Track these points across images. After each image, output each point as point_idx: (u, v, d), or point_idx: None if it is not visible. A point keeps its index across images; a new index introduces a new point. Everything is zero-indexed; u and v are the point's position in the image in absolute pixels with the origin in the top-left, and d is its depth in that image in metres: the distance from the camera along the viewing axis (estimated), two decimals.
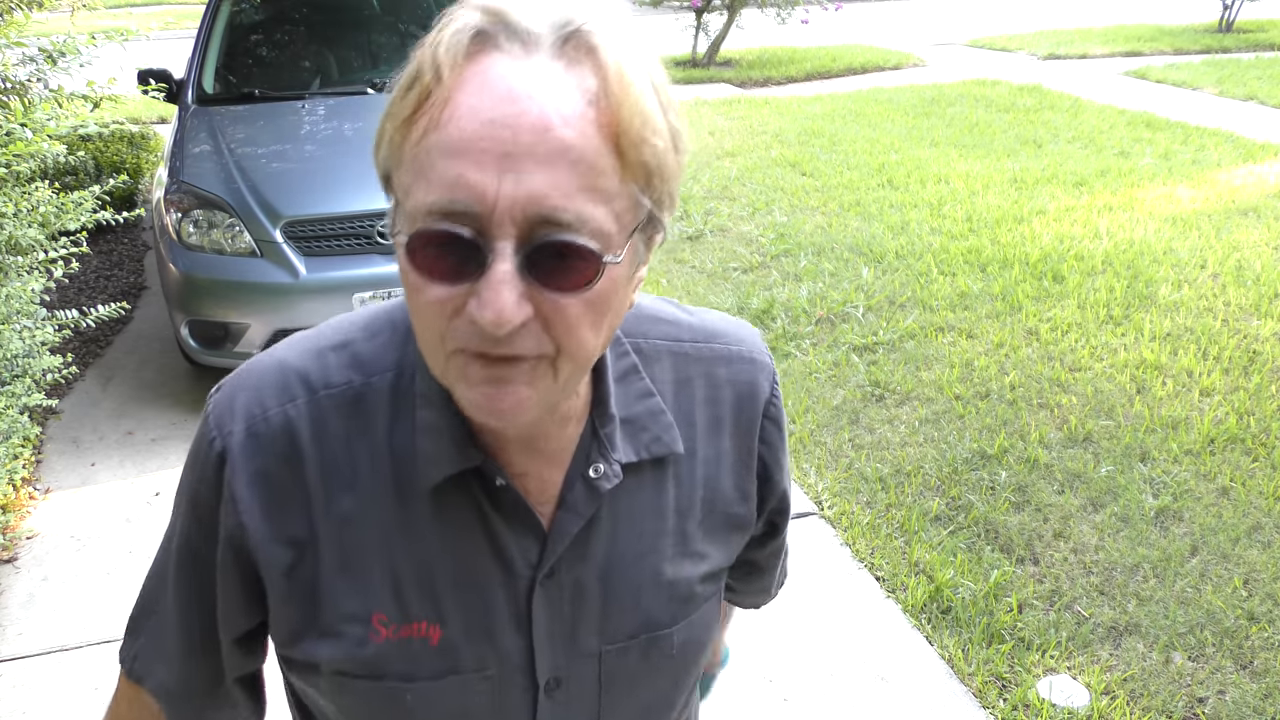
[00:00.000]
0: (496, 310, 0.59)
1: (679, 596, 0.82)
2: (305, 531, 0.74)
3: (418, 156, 0.61)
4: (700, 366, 0.82)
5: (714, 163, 7.11)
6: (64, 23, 4.91)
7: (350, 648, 0.75)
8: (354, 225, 3.71)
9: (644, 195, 0.63)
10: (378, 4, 5.38)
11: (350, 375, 0.75)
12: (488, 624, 0.76)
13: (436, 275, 0.61)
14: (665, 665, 0.83)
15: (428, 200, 0.60)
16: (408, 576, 0.75)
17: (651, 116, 0.62)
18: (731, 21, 11.19)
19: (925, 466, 3.38)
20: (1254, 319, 4.36)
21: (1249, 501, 3.14)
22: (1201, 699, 2.44)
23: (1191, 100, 9.27)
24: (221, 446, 0.74)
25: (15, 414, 3.01)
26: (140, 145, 6.72)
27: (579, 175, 0.59)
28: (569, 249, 0.60)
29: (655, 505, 0.80)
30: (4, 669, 2.56)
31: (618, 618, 0.80)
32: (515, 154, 0.58)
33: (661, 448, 0.79)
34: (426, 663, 0.76)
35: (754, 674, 2.53)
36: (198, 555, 0.78)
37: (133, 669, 0.84)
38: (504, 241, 0.59)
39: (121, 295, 4.89)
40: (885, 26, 15.39)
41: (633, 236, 0.64)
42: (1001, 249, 5.21)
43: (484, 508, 0.74)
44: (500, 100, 0.59)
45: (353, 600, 0.75)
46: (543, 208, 0.59)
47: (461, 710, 0.78)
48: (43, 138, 2.98)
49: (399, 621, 0.75)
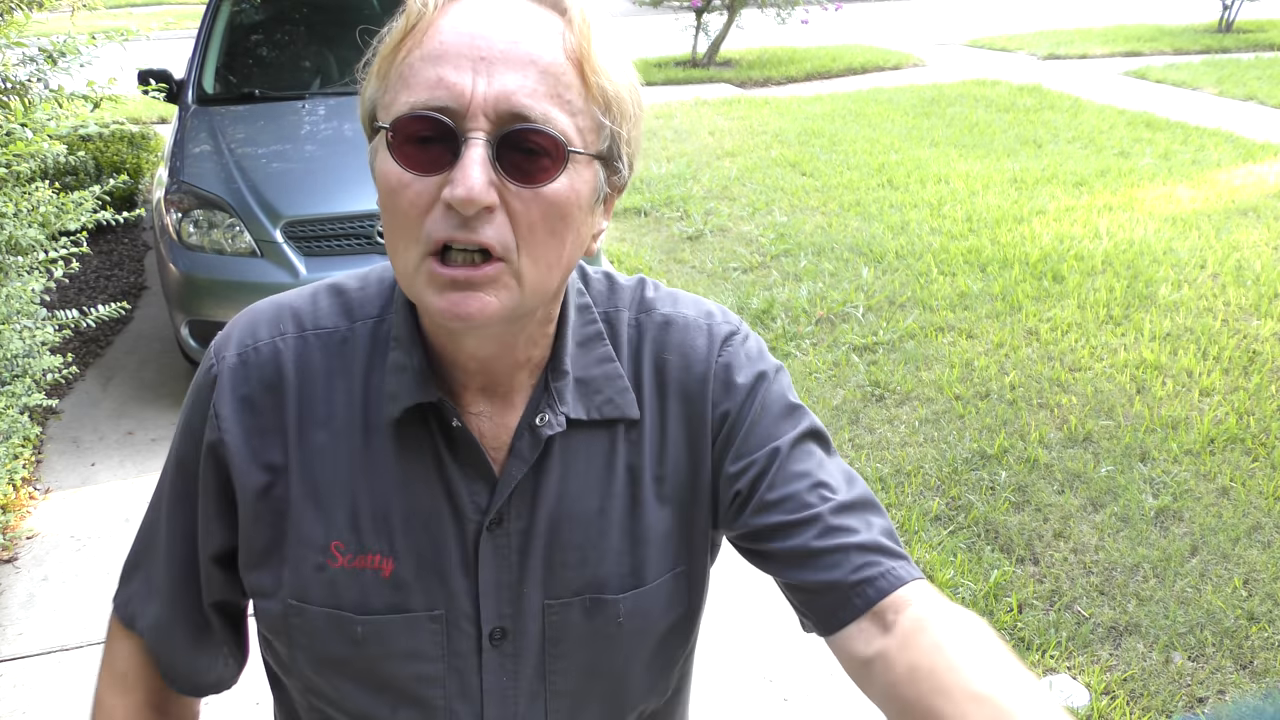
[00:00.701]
0: (467, 187, 0.65)
1: (628, 563, 0.83)
2: (280, 458, 0.79)
3: (402, 71, 0.69)
4: (654, 332, 0.84)
5: (714, 163, 7.11)
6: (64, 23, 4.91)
7: (309, 573, 0.79)
8: (354, 225, 3.71)
9: (605, 118, 0.70)
10: (378, 4, 5.38)
11: (338, 320, 0.82)
12: (438, 564, 0.79)
13: (415, 165, 0.67)
14: (613, 633, 0.83)
15: (411, 100, 0.67)
16: (366, 510, 0.79)
17: (608, 56, 0.70)
18: (731, 21, 11.19)
19: (925, 466, 3.38)
20: (1254, 319, 4.36)
21: (1249, 501, 3.14)
22: (1201, 699, 2.44)
23: (1191, 100, 9.27)
24: (215, 371, 0.81)
25: (15, 414, 3.01)
26: (140, 145, 6.72)
27: (546, 83, 0.67)
28: (536, 139, 0.67)
29: (606, 466, 0.82)
30: (4, 669, 2.56)
31: (562, 573, 0.81)
32: (490, 58, 0.66)
33: (614, 410, 0.81)
34: (377, 595, 0.79)
35: (754, 674, 2.53)
36: (187, 475, 0.83)
37: (125, 613, 0.89)
38: (477, 131, 0.66)
39: (121, 295, 4.89)
40: (885, 26, 15.39)
41: (596, 160, 0.71)
42: (1001, 249, 5.22)
43: (440, 450, 0.79)
44: (478, 19, 0.68)
45: (316, 527, 0.79)
46: (514, 104, 0.66)
47: (412, 651, 0.80)
48: (43, 138, 2.98)
49: (355, 551, 0.79)
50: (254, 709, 2.41)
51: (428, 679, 0.81)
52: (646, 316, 0.85)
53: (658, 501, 0.83)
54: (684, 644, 0.89)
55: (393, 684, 0.81)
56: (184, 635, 0.87)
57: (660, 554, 0.84)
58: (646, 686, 0.88)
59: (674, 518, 0.84)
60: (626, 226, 5.93)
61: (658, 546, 0.84)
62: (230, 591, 0.86)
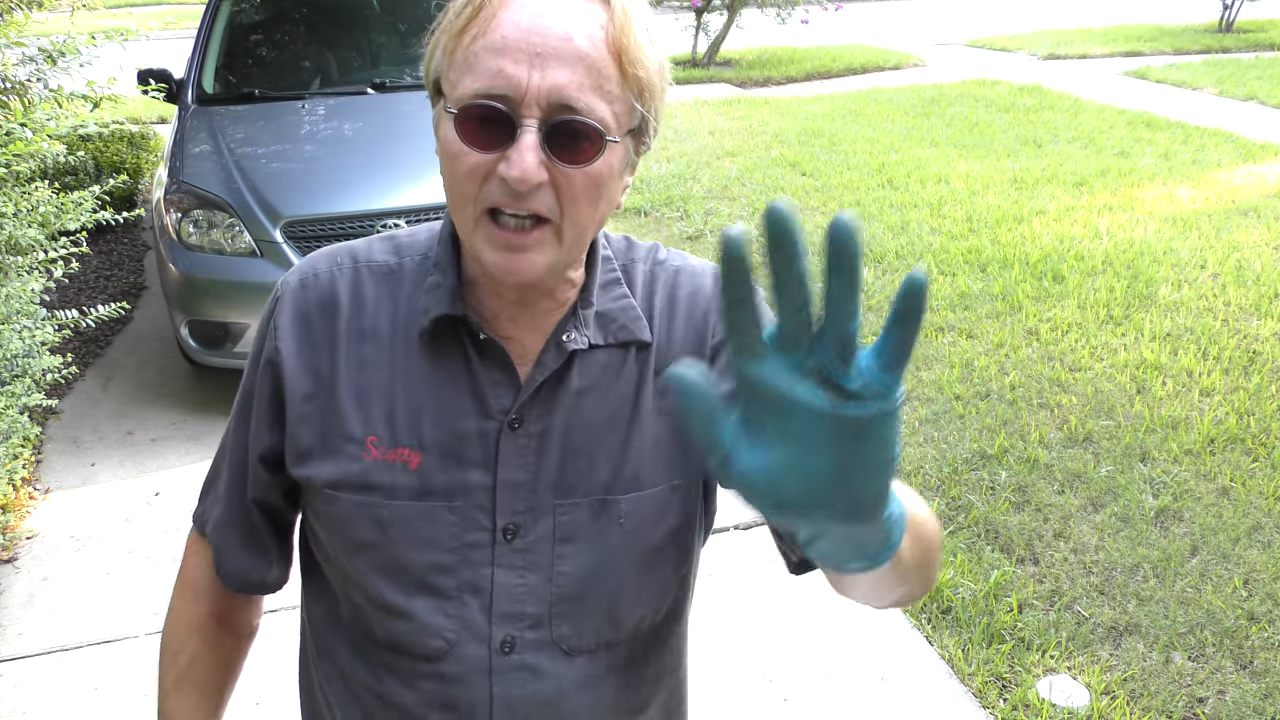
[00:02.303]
0: (522, 169, 0.76)
1: (629, 468, 0.92)
2: (328, 368, 0.91)
3: (467, 57, 0.79)
4: (666, 275, 0.97)
5: (714, 163, 7.11)
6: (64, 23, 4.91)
7: (346, 463, 0.90)
8: (354, 225, 3.71)
9: (638, 103, 0.81)
10: (378, 4, 5.38)
11: (389, 257, 0.94)
12: (460, 458, 0.89)
13: (476, 143, 0.79)
14: (615, 534, 0.92)
15: (474, 86, 0.78)
16: (401, 408, 0.90)
17: (645, 46, 0.80)
18: (731, 21, 11.18)
19: (925, 466, 3.38)
20: (1254, 319, 4.36)
21: (1249, 501, 3.14)
22: (1201, 699, 2.44)
23: (1191, 100, 9.27)
24: (279, 294, 0.94)
25: (15, 414, 3.01)
26: (140, 145, 6.71)
27: (590, 77, 0.78)
28: (580, 127, 0.78)
29: (618, 381, 0.92)
30: (4, 669, 2.56)
31: (573, 475, 0.91)
32: (544, 54, 0.76)
33: (627, 334, 0.93)
34: (404, 483, 0.89)
35: (754, 674, 2.53)
36: (248, 389, 0.95)
37: (200, 522, 1.03)
38: (530, 119, 0.77)
39: (121, 295, 4.89)
40: (885, 26, 15.39)
41: (627, 136, 0.82)
42: (1001, 249, 5.21)
43: (470, 356, 0.89)
44: (535, 16, 0.77)
45: (356, 425, 0.90)
46: (563, 96, 0.77)
47: (431, 538, 0.89)
48: (43, 138, 2.98)
49: (388, 445, 0.89)
50: (254, 709, 2.41)
51: (442, 567, 0.90)
52: (660, 266, 0.97)
53: (657, 413, 0.93)
54: (678, 561, 0.97)
55: (411, 570, 0.90)
56: (237, 532, 0.99)
57: (656, 462, 0.93)
58: (642, 596, 0.95)
59: (671, 430, 0.94)
60: (627, 226, 5.93)
61: (655, 455, 0.93)
62: (272, 491, 0.98)
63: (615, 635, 0.95)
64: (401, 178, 3.85)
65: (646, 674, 1.00)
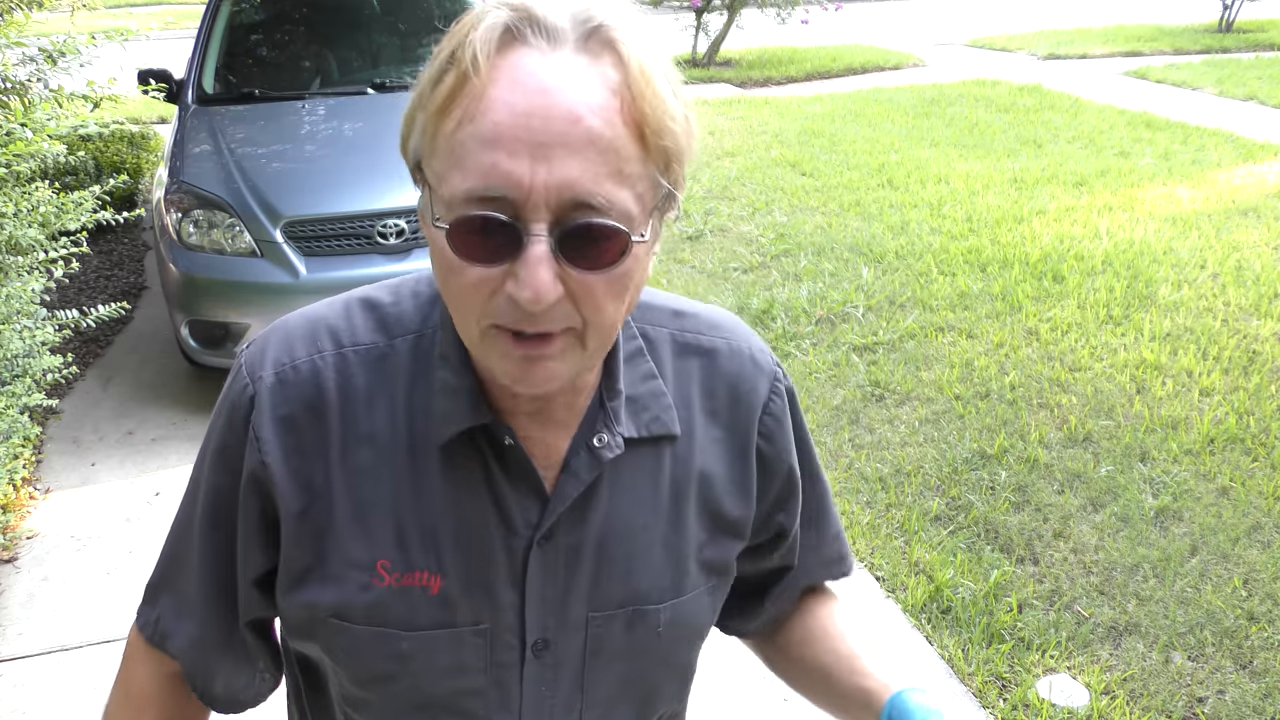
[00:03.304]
0: (534, 289, 0.63)
1: (669, 575, 0.85)
2: (322, 478, 0.78)
3: (453, 147, 0.64)
4: (700, 356, 0.86)
5: (714, 163, 7.11)
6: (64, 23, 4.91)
7: (353, 592, 0.78)
8: (354, 225, 3.71)
9: (663, 178, 0.68)
10: (378, 4, 5.38)
11: (376, 336, 0.80)
12: (486, 579, 0.79)
13: (476, 257, 0.65)
14: (651, 642, 0.85)
15: (464, 186, 0.64)
16: (413, 528, 0.78)
17: (669, 104, 0.66)
18: (731, 21, 11.18)
19: (925, 466, 3.38)
20: (1254, 319, 4.36)
21: (1249, 501, 3.14)
22: (1201, 699, 2.44)
23: (1191, 100, 9.27)
24: (252, 392, 0.78)
25: (15, 414, 3.01)
26: (140, 145, 6.71)
27: (607, 162, 0.63)
28: (600, 230, 0.64)
29: (652, 482, 0.83)
30: (4, 669, 2.56)
31: (607, 586, 0.82)
32: (548, 143, 0.62)
33: (660, 427, 0.82)
34: (425, 612, 0.79)
35: (754, 674, 2.53)
36: (223, 500, 0.81)
37: (154, 634, 0.87)
38: (539, 224, 0.63)
39: (121, 295, 4.89)
40: (885, 26, 15.39)
41: (653, 215, 0.69)
42: (1001, 249, 5.22)
43: (491, 467, 0.78)
44: (531, 93, 0.63)
45: (360, 547, 0.78)
46: (575, 192, 0.63)
47: (456, 665, 0.81)
48: (43, 138, 2.98)
49: (402, 570, 0.78)
50: (253, 709, 2.41)
51: (470, 692, 0.82)
52: (688, 339, 0.86)
53: (696, 516, 0.85)
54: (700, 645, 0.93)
55: (435, 698, 0.82)
56: (222, 653, 0.87)
57: (698, 567, 0.86)
58: (673, 692, 0.92)
59: (713, 534, 0.87)
60: None
61: (695, 560, 0.86)
62: (268, 609, 0.86)
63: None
64: (401, 178, 3.80)
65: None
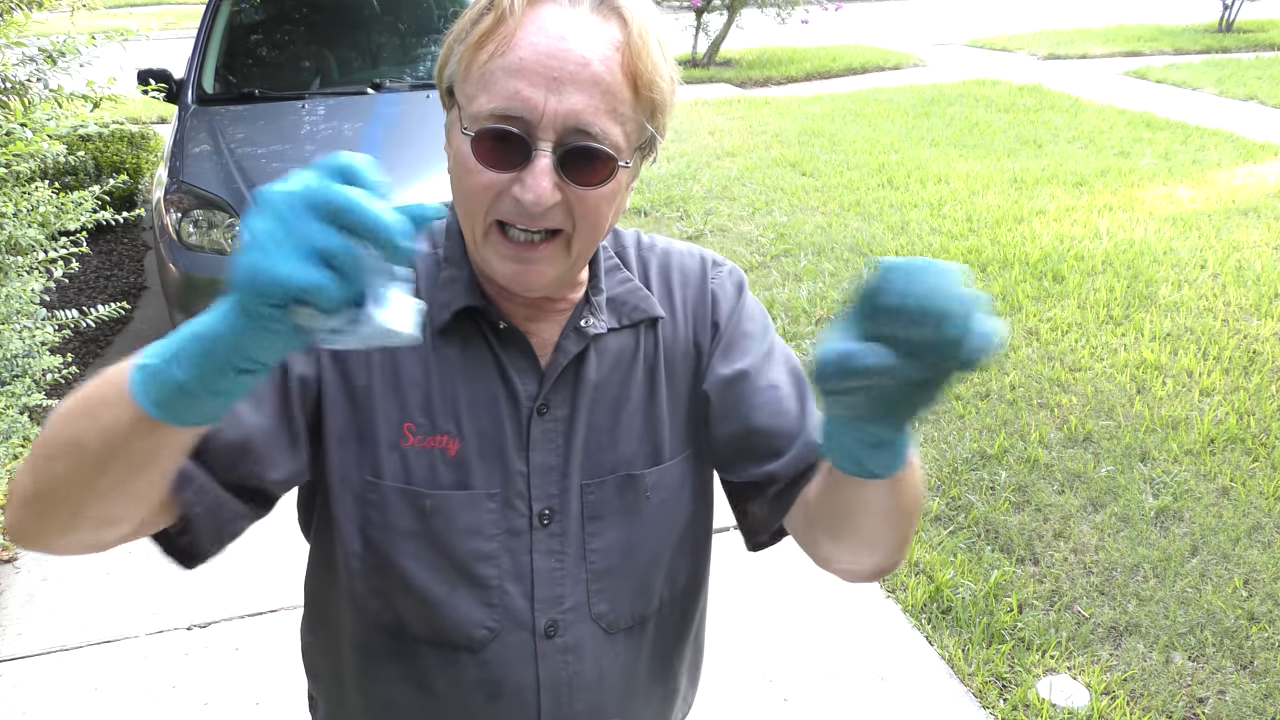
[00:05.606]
0: (537, 193, 0.79)
1: (649, 443, 0.97)
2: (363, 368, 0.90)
3: (484, 74, 0.80)
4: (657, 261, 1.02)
5: (714, 163, 7.11)
6: (64, 23, 4.91)
7: (384, 451, 0.90)
8: None
9: (649, 123, 0.84)
10: (378, 4, 5.38)
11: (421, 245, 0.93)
12: (498, 444, 0.92)
13: (491, 163, 0.80)
14: (641, 507, 0.96)
15: (490, 106, 0.79)
16: (436, 397, 0.91)
17: (660, 65, 0.82)
18: (731, 21, 11.18)
19: (925, 466, 3.38)
20: (1254, 319, 4.36)
21: (1249, 501, 3.14)
22: (1201, 699, 2.44)
23: (1191, 100, 9.27)
24: None
25: (15, 414, 3.01)
26: (140, 145, 6.71)
27: (605, 101, 0.79)
28: (594, 153, 0.80)
29: (631, 360, 0.97)
30: (4, 669, 2.56)
31: (597, 454, 0.95)
32: (561, 79, 0.78)
33: (639, 314, 0.97)
34: (444, 472, 0.90)
35: (754, 674, 2.53)
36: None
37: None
38: (546, 142, 0.79)
39: (121, 295, 4.88)
40: (885, 26, 15.39)
41: (636, 152, 0.85)
42: (1001, 249, 5.21)
43: (494, 347, 0.92)
44: (552, 38, 0.78)
45: (392, 412, 0.90)
46: (578, 120, 0.79)
47: (472, 527, 0.91)
48: (43, 138, 2.98)
49: (426, 433, 0.90)
50: (254, 709, 2.41)
51: (484, 556, 0.92)
52: (649, 251, 1.02)
53: (669, 389, 0.98)
54: (698, 529, 1.02)
55: (453, 560, 0.91)
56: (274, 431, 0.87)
57: (673, 435, 0.98)
58: (669, 566, 1.00)
59: (682, 403, 0.99)
60: (627, 227, 5.93)
61: (673, 427, 0.98)
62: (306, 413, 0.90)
63: (648, 608, 1.00)
64: (401, 178, 3.84)
65: (678, 646, 1.06)
